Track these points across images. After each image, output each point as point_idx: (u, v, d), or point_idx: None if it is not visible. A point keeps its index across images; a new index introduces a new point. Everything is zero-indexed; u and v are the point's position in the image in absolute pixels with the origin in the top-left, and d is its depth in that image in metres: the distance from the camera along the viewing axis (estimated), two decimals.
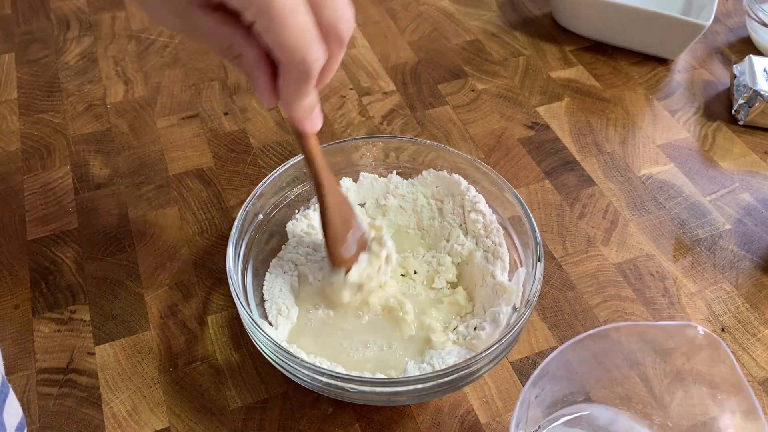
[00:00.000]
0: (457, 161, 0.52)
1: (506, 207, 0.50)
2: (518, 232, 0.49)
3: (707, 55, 0.75)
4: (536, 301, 0.45)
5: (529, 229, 0.47)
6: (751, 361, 0.49)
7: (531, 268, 0.46)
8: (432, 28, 0.77)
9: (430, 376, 0.40)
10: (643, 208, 0.59)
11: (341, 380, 0.40)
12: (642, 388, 0.44)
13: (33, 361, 0.48)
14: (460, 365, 0.40)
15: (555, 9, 0.77)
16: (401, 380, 0.41)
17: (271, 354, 0.42)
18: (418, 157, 0.54)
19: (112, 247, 0.55)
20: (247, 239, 0.49)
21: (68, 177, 0.60)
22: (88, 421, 0.46)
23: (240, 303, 0.43)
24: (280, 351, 0.41)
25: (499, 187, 0.50)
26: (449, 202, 0.52)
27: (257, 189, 0.49)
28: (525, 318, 0.42)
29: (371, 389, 0.41)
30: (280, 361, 0.42)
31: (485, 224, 0.51)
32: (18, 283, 0.53)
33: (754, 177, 0.62)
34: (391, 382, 0.41)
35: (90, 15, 0.77)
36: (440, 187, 0.53)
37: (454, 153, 0.52)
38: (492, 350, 0.41)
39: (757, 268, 0.55)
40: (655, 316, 0.52)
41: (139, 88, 0.69)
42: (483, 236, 0.50)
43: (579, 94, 0.70)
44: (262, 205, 0.50)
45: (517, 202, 0.49)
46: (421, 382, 0.40)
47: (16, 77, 0.70)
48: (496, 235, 0.50)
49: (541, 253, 0.46)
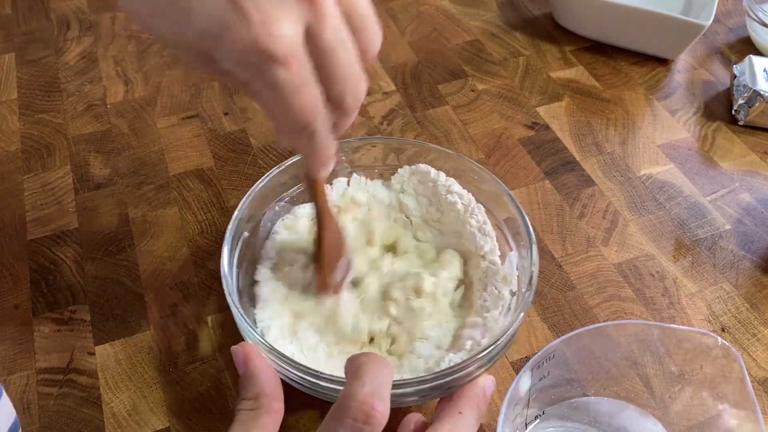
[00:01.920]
0: (454, 161, 0.52)
1: (501, 207, 0.50)
2: (513, 233, 0.49)
3: (707, 55, 0.75)
4: (536, 287, 0.45)
5: (518, 216, 0.47)
6: (751, 361, 0.49)
7: (526, 252, 0.46)
8: (432, 28, 0.77)
9: (427, 378, 0.40)
10: (643, 208, 0.59)
11: (335, 383, 0.40)
12: (642, 388, 0.44)
13: (33, 361, 0.48)
14: (456, 367, 0.40)
15: (555, 9, 0.77)
16: (399, 382, 0.41)
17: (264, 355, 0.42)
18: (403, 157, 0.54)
19: (112, 247, 0.55)
20: (242, 241, 0.48)
21: (68, 177, 0.60)
22: (88, 421, 0.46)
23: (233, 303, 0.43)
24: (273, 351, 0.41)
25: (491, 183, 0.50)
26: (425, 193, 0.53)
27: (253, 189, 0.49)
28: (524, 310, 0.42)
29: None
30: (273, 363, 0.42)
31: (465, 204, 0.51)
32: (18, 283, 0.53)
33: (754, 177, 0.62)
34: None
35: (90, 15, 0.77)
36: (419, 182, 0.53)
37: (431, 147, 0.53)
38: (489, 350, 0.41)
39: (757, 268, 0.55)
40: (655, 316, 0.52)
41: (139, 88, 0.69)
42: (466, 216, 0.51)
43: (579, 94, 0.70)
44: (258, 205, 0.50)
45: (510, 200, 0.49)
46: (418, 384, 0.40)
47: (16, 77, 0.70)
48: (479, 214, 0.50)
49: (533, 237, 0.46)
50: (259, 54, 0.31)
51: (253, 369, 0.40)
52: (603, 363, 0.43)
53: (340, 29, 0.33)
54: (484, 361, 0.41)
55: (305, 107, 0.34)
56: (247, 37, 0.31)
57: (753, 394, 0.37)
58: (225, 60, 0.33)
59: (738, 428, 0.39)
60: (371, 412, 0.34)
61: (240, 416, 0.39)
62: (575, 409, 0.44)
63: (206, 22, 0.31)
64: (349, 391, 0.35)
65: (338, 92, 0.35)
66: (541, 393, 0.42)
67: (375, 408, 0.34)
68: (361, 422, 0.33)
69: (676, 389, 0.42)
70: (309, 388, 0.42)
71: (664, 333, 0.40)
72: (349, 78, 0.35)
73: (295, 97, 0.33)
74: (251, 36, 0.31)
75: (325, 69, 0.34)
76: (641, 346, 0.42)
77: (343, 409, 0.34)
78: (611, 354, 0.42)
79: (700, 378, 0.41)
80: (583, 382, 0.44)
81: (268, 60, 0.31)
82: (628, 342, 0.42)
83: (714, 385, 0.40)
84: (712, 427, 0.40)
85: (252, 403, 0.39)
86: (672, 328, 0.40)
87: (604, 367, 0.43)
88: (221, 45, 0.32)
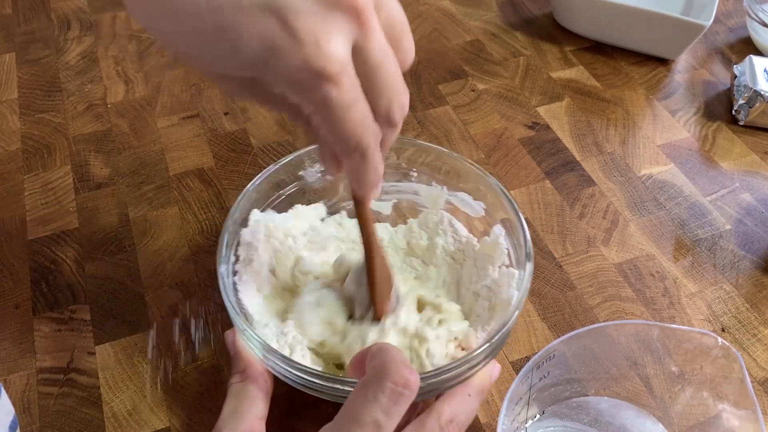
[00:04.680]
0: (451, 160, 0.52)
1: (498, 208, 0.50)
2: (509, 233, 0.49)
3: (707, 55, 0.75)
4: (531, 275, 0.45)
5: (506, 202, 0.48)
6: (751, 361, 0.49)
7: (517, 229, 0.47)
8: (432, 28, 0.77)
9: (424, 376, 0.40)
10: (643, 208, 0.59)
11: (329, 380, 0.40)
12: (642, 388, 0.44)
13: (33, 360, 0.48)
14: (454, 364, 0.40)
15: (555, 9, 0.77)
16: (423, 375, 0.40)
17: (260, 353, 0.42)
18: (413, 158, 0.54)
19: (113, 246, 0.55)
20: (237, 242, 0.48)
21: (68, 177, 0.60)
22: (89, 421, 0.46)
23: (228, 301, 0.43)
24: (270, 350, 0.41)
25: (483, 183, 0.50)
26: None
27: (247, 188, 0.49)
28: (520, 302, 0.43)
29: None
30: (270, 362, 0.42)
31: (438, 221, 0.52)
32: (18, 283, 0.53)
33: (755, 177, 0.62)
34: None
35: (90, 15, 0.77)
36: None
37: (426, 146, 0.53)
38: (489, 345, 0.41)
39: (757, 268, 0.55)
40: (655, 316, 0.52)
41: (139, 88, 0.69)
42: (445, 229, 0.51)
43: (579, 94, 0.70)
44: (254, 203, 0.50)
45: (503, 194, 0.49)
46: (439, 374, 0.40)
47: (16, 77, 0.70)
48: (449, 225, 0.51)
49: (522, 219, 0.46)
50: (311, 73, 0.31)
51: (240, 348, 0.43)
52: (603, 363, 0.43)
53: (384, 42, 0.33)
54: (489, 351, 0.41)
55: (357, 123, 0.34)
56: (298, 57, 0.31)
57: (753, 394, 0.37)
58: (276, 84, 0.33)
59: (738, 428, 0.39)
60: (410, 377, 0.35)
61: (231, 390, 0.42)
62: (575, 408, 0.44)
63: (257, 48, 0.31)
64: (385, 359, 0.35)
65: (385, 105, 0.35)
66: (541, 393, 0.42)
67: (412, 374, 0.35)
68: (401, 386, 0.34)
69: (676, 389, 0.42)
70: (302, 385, 0.42)
71: (664, 333, 0.40)
72: (394, 91, 0.35)
73: (347, 114, 0.33)
74: (303, 56, 0.31)
75: (372, 83, 0.34)
76: (641, 346, 0.42)
77: (382, 375, 0.35)
78: (611, 354, 0.42)
79: (700, 378, 0.41)
80: (583, 382, 0.44)
81: (320, 79, 0.31)
82: (628, 342, 0.42)
83: (714, 385, 0.40)
84: (712, 427, 0.41)
85: (240, 376, 0.42)
86: (672, 328, 0.40)
87: (604, 367, 0.43)
88: (272, 69, 0.32)
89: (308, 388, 0.42)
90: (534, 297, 0.53)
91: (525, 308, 0.52)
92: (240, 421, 0.40)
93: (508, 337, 0.44)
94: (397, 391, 0.34)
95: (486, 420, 0.46)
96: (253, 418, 0.40)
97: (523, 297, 0.43)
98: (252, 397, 0.41)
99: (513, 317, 0.42)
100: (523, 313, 0.51)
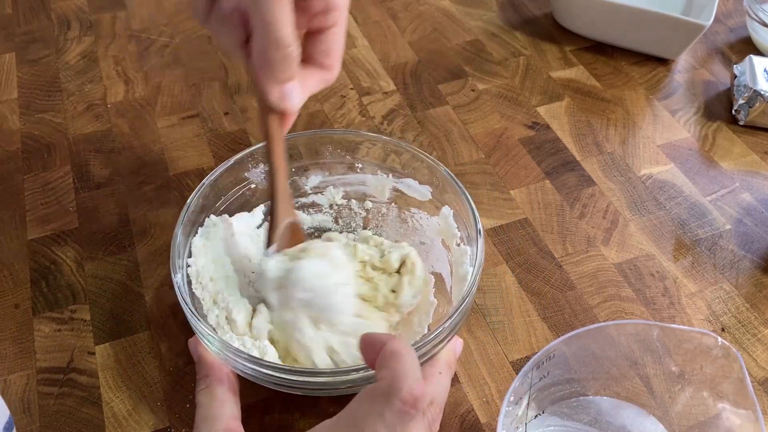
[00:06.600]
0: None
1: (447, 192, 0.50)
2: (458, 213, 0.49)
3: (707, 55, 0.75)
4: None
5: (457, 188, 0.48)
6: (751, 361, 0.49)
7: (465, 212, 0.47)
8: (432, 28, 0.77)
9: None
10: (643, 208, 0.59)
11: (278, 370, 0.40)
12: (642, 388, 0.44)
13: (33, 360, 0.48)
14: (420, 343, 0.40)
15: (555, 9, 0.77)
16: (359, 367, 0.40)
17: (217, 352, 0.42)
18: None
19: (113, 246, 0.55)
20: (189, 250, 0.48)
21: (68, 177, 0.60)
22: (89, 421, 0.46)
23: (186, 307, 0.42)
24: (222, 343, 0.41)
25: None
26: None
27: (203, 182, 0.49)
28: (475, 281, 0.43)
29: (342, 378, 0.40)
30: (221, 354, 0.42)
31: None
32: (18, 283, 0.53)
33: (755, 177, 0.62)
34: (355, 369, 0.40)
35: (90, 15, 0.77)
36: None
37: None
38: (451, 321, 0.41)
39: (757, 268, 0.55)
40: (655, 316, 0.52)
41: (139, 88, 0.69)
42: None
43: (579, 94, 0.70)
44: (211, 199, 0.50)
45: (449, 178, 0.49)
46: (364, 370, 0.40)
47: (16, 77, 0.70)
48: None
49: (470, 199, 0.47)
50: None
51: (201, 352, 0.43)
52: (603, 363, 0.43)
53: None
54: (451, 328, 0.42)
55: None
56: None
57: (753, 394, 0.37)
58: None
59: (738, 428, 0.39)
60: (419, 396, 0.34)
61: (198, 399, 0.42)
62: (575, 408, 0.44)
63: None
64: (397, 371, 0.35)
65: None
66: (541, 393, 0.42)
67: (422, 391, 0.34)
68: (409, 405, 0.34)
69: (676, 389, 0.42)
70: (253, 376, 0.42)
71: (664, 333, 0.40)
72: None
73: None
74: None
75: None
76: (641, 346, 0.42)
77: (392, 390, 0.34)
78: (611, 354, 0.42)
79: (700, 378, 0.41)
80: (583, 382, 0.44)
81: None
82: (628, 342, 0.42)
83: (714, 385, 0.40)
84: (712, 427, 0.40)
85: (204, 382, 0.42)
86: (672, 328, 0.40)
87: (604, 366, 0.43)
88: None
89: (276, 384, 0.42)
90: (534, 297, 0.53)
91: (525, 308, 0.52)
92: (214, 423, 0.40)
93: (468, 314, 0.45)
94: (404, 410, 0.34)
95: (486, 420, 0.46)
96: (227, 419, 0.40)
97: (477, 272, 0.44)
98: (221, 399, 0.41)
99: (471, 292, 0.43)
100: (523, 313, 0.52)
